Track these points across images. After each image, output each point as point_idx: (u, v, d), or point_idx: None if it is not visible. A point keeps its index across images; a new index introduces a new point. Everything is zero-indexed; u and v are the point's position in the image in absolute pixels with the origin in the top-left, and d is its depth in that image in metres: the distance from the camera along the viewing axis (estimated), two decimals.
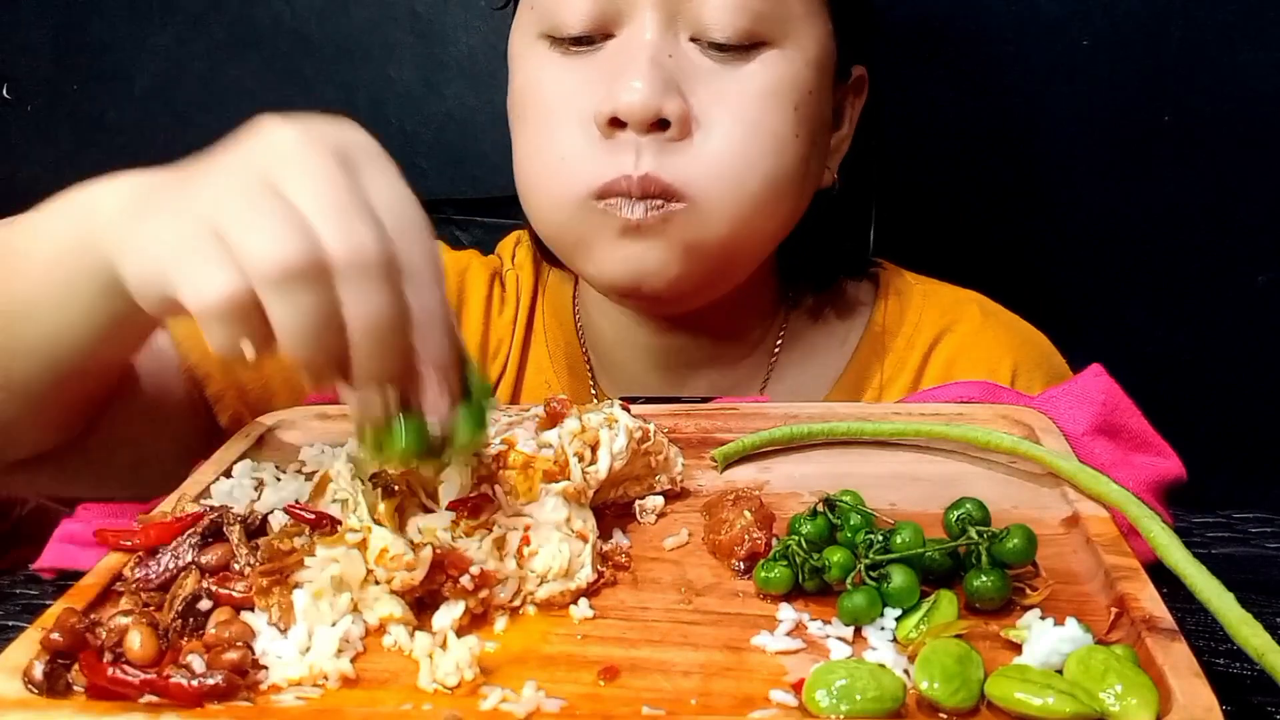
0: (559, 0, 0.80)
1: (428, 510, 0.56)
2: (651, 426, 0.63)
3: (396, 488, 0.55)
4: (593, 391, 0.95)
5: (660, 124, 0.77)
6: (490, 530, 0.54)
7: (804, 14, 0.81)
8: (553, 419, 0.62)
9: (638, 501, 0.62)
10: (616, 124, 0.78)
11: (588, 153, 0.79)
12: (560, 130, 0.80)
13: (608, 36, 0.80)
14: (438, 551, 0.52)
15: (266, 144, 0.54)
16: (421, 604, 0.52)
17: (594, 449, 0.59)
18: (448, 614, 0.51)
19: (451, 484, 0.56)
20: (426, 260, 0.53)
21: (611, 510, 0.62)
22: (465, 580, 0.51)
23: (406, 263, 0.52)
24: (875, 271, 0.96)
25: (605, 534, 0.59)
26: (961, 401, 0.71)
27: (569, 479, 0.58)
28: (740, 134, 0.79)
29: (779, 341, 0.94)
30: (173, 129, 1.24)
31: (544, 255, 0.95)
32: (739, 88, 0.79)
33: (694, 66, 0.79)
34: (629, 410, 0.63)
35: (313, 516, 0.55)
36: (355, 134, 0.55)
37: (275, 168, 0.52)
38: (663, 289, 0.82)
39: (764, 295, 0.92)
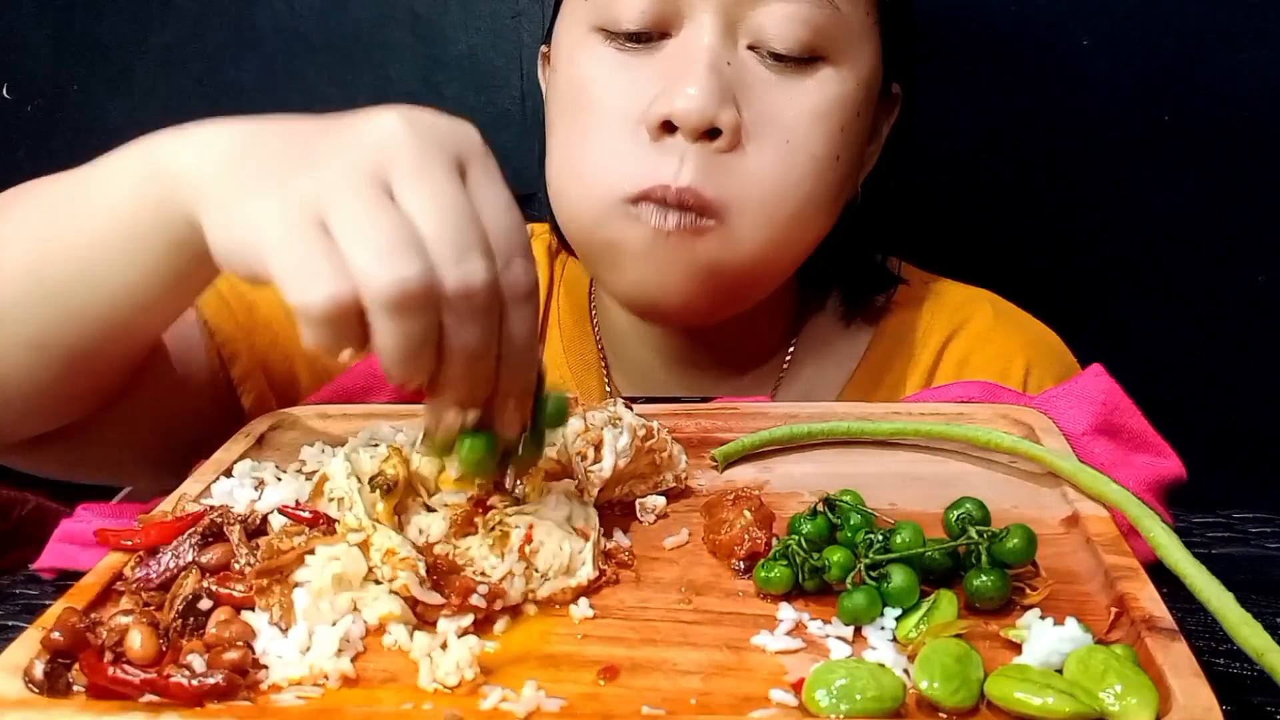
0: None
1: (429, 509, 0.56)
2: (655, 425, 0.63)
3: (393, 487, 0.55)
4: (607, 388, 0.95)
5: (710, 133, 0.76)
6: (492, 528, 0.54)
7: (860, 32, 0.80)
8: None
9: (639, 501, 0.62)
10: (667, 128, 0.77)
11: (632, 154, 0.78)
12: (608, 127, 0.79)
13: (665, 35, 0.79)
14: (441, 563, 0.52)
15: (381, 135, 0.51)
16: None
17: (598, 448, 0.60)
18: (453, 621, 0.51)
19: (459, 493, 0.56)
20: (526, 289, 0.52)
21: (616, 509, 0.62)
22: (477, 600, 0.51)
23: (509, 293, 0.51)
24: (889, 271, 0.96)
25: (606, 533, 0.59)
26: (961, 401, 0.71)
27: (572, 477, 0.58)
28: (786, 155, 0.78)
29: (793, 342, 0.94)
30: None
31: (565, 247, 0.94)
32: (793, 104, 0.78)
33: (751, 76, 0.78)
34: (632, 409, 0.63)
35: (309, 516, 0.55)
36: (467, 133, 0.53)
37: (390, 165, 0.50)
38: (679, 309, 0.81)
39: (783, 302, 0.92)
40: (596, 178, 0.79)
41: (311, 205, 0.49)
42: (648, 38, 0.79)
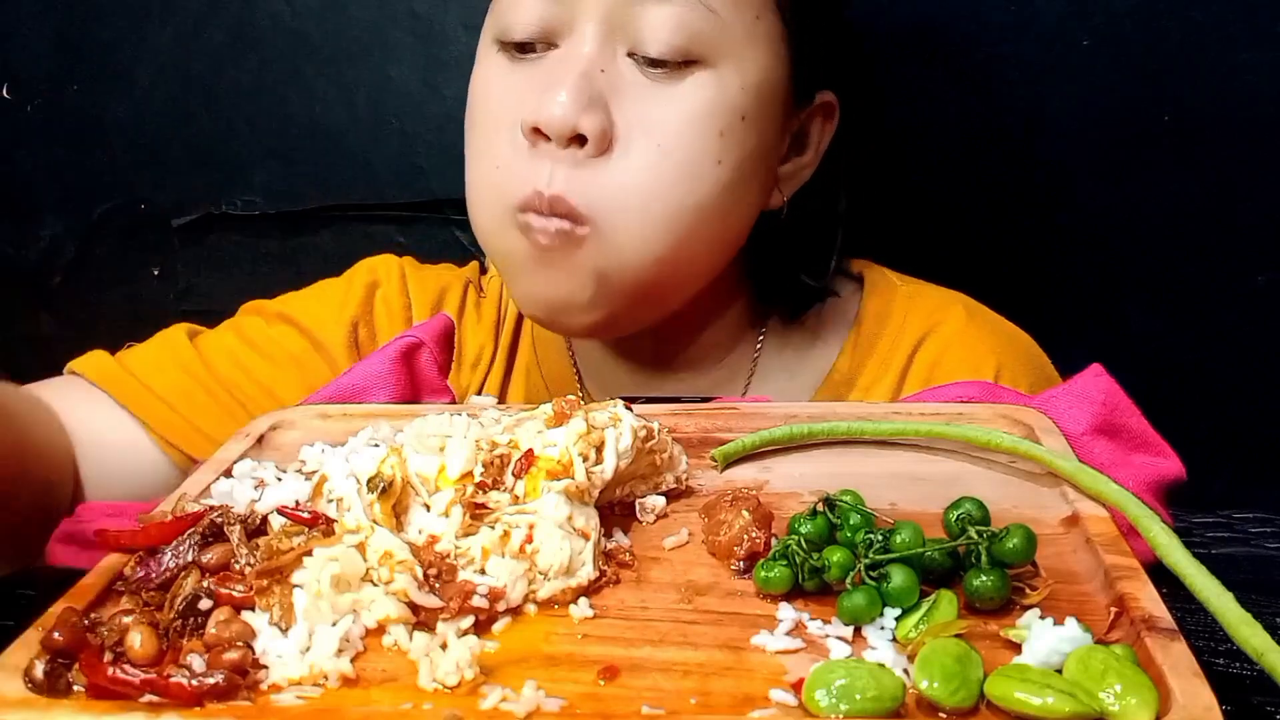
0: (512, 6, 0.80)
1: (429, 509, 0.56)
2: (655, 425, 0.63)
3: (389, 487, 0.55)
4: (580, 396, 0.95)
5: (577, 139, 0.77)
6: (493, 528, 0.55)
7: (746, 37, 0.80)
8: (560, 418, 0.62)
9: (639, 501, 0.62)
10: (539, 134, 0.78)
11: (512, 162, 0.79)
12: (497, 137, 0.81)
13: (552, 46, 0.80)
14: (442, 566, 0.52)
15: None
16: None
17: (599, 449, 0.60)
18: (453, 622, 0.51)
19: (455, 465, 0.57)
20: None
21: (616, 509, 0.62)
22: (478, 601, 0.51)
23: None
24: (860, 273, 0.96)
25: (606, 533, 0.59)
26: (961, 401, 0.71)
27: (572, 478, 0.58)
28: (656, 159, 0.78)
29: (759, 344, 0.94)
30: (173, 129, 1.24)
31: None
32: (664, 109, 0.78)
33: (625, 82, 0.79)
34: (632, 409, 0.63)
35: (309, 516, 0.55)
36: None
37: None
38: (577, 320, 0.82)
39: (734, 305, 0.92)
40: (487, 188, 0.82)
41: None
42: (534, 48, 0.80)
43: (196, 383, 0.89)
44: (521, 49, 0.81)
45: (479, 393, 0.96)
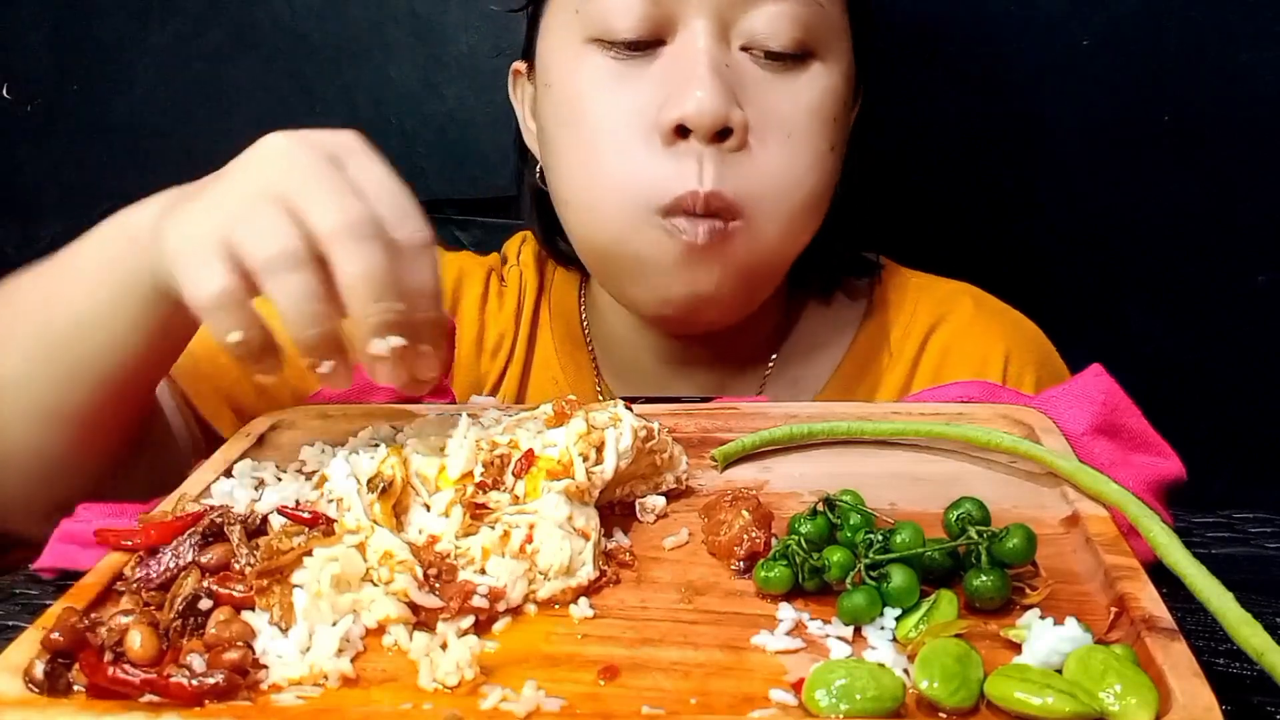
0: (610, 5, 0.79)
1: (429, 509, 0.56)
2: (656, 425, 0.63)
3: (389, 487, 0.55)
4: (597, 388, 0.95)
5: (721, 134, 0.77)
6: (493, 528, 0.55)
7: (840, 28, 0.83)
8: (560, 418, 0.62)
9: (639, 501, 0.62)
10: (680, 133, 0.78)
11: (650, 163, 0.79)
12: (618, 138, 0.80)
13: (660, 43, 0.80)
14: (442, 566, 0.52)
15: (262, 152, 0.61)
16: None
17: (599, 449, 0.60)
18: (453, 622, 0.51)
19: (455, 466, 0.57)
20: (423, 239, 0.57)
21: (616, 509, 0.62)
22: (479, 601, 0.51)
23: (397, 236, 0.57)
24: (874, 260, 0.97)
25: (606, 533, 0.59)
26: (961, 401, 0.71)
27: (572, 478, 0.58)
28: (790, 149, 0.80)
29: (780, 338, 0.95)
30: (173, 129, 1.24)
31: (554, 256, 0.96)
32: (790, 100, 0.80)
33: (748, 76, 0.80)
34: (632, 410, 0.63)
35: (309, 516, 0.55)
36: (343, 136, 0.61)
37: (270, 172, 0.59)
38: (711, 314, 0.83)
39: (776, 298, 0.92)
40: (619, 191, 0.80)
41: (210, 224, 0.58)
42: (644, 46, 0.80)
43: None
44: (628, 47, 0.80)
45: (499, 381, 0.96)
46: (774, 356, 0.94)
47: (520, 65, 0.92)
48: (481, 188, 1.18)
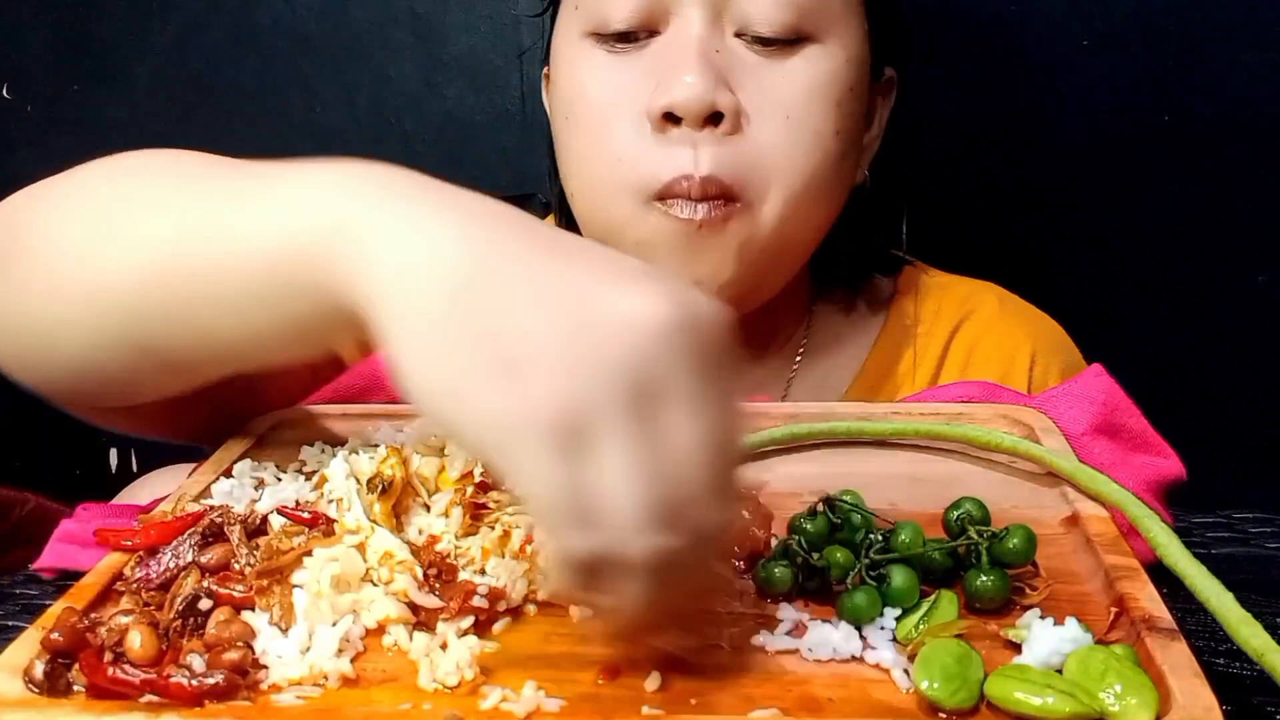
0: None
1: (429, 509, 0.56)
2: None
3: (389, 487, 0.55)
4: None
5: (713, 118, 0.78)
6: (493, 528, 0.54)
7: (843, 11, 0.82)
8: None
9: None
10: (670, 119, 0.78)
11: (644, 151, 0.79)
12: (614, 129, 0.80)
13: (653, 34, 0.80)
14: (442, 566, 0.52)
15: (655, 338, 0.43)
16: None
17: None
18: (453, 622, 0.51)
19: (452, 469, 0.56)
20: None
21: None
22: (479, 601, 0.51)
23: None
24: (898, 257, 0.97)
25: None
26: (961, 401, 0.71)
27: None
28: (787, 130, 0.80)
29: (805, 335, 0.95)
30: (173, 129, 1.24)
31: None
32: (784, 83, 0.80)
33: (740, 61, 0.80)
34: None
35: (309, 516, 0.55)
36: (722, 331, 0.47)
37: (661, 384, 0.43)
38: (725, 298, 0.81)
39: (796, 293, 0.93)
40: (615, 180, 0.81)
41: (571, 417, 0.42)
42: (638, 36, 0.80)
43: None
44: (621, 39, 0.81)
45: None
46: (799, 358, 0.94)
47: (547, 69, 0.93)
48: (481, 188, 1.18)
